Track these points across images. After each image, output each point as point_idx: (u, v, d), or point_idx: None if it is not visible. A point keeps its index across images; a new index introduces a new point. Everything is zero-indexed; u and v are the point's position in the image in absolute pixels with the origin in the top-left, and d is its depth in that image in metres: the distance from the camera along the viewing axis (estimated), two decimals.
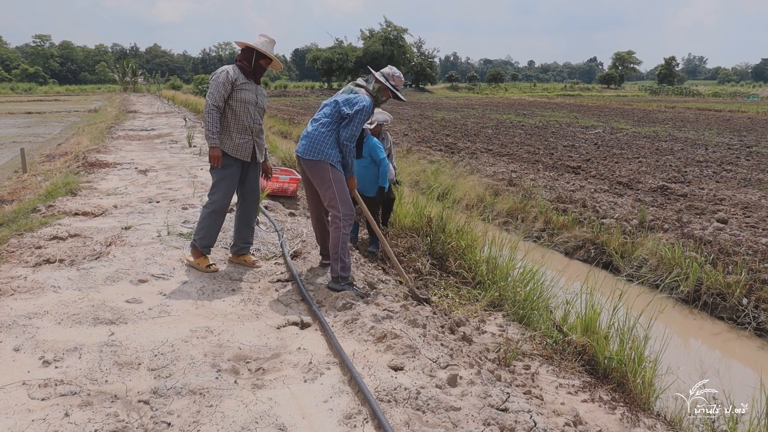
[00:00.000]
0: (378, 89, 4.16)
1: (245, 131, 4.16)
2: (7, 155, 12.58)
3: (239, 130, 4.14)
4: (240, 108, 4.11)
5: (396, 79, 4.19)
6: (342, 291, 3.85)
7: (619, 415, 3.01)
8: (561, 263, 6.34)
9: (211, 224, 4.20)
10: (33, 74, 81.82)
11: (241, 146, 4.16)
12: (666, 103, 43.68)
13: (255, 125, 4.22)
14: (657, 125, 21.55)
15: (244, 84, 4.14)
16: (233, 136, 4.13)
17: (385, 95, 4.22)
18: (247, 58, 4.15)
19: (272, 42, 4.25)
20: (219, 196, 4.16)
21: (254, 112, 4.20)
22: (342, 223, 3.94)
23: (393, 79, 4.17)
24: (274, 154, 11.77)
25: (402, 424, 2.39)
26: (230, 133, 4.12)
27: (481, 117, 26.07)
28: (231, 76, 4.07)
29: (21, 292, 3.68)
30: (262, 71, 4.24)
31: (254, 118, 4.20)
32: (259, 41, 4.14)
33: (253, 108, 4.18)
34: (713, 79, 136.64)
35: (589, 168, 11.29)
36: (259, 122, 4.28)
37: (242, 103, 4.11)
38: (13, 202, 6.63)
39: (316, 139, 3.98)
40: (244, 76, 4.15)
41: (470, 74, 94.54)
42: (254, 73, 4.20)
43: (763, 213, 7.45)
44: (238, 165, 4.20)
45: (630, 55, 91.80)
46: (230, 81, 4.06)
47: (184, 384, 2.65)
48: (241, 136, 4.15)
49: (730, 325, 4.87)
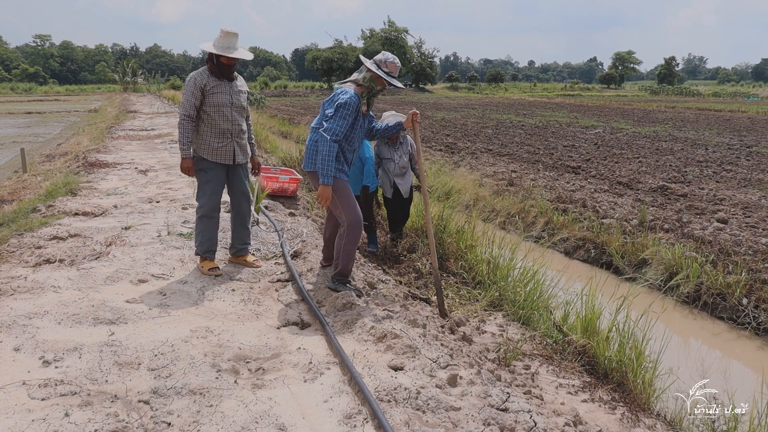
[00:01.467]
0: (370, 78, 3.78)
1: (223, 135, 4.06)
2: (7, 155, 12.58)
3: (217, 135, 4.04)
4: (215, 112, 4.01)
5: (390, 65, 3.78)
6: (341, 291, 3.83)
7: (619, 415, 3.01)
8: (561, 263, 6.34)
9: (205, 229, 4.18)
10: (33, 74, 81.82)
11: (220, 150, 4.08)
12: (666, 103, 43.67)
13: (234, 127, 4.09)
14: (657, 125, 21.55)
15: (215, 87, 3.99)
16: (211, 141, 4.04)
17: (379, 84, 3.82)
18: (211, 59, 4.00)
19: (231, 34, 3.96)
20: (204, 200, 4.13)
21: (231, 114, 4.06)
22: (347, 232, 3.79)
23: (386, 65, 3.78)
24: (274, 154, 11.77)
25: (402, 424, 2.39)
26: (208, 138, 4.04)
27: (481, 117, 26.07)
28: (199, 82, 3.95)
29: (21, 292, 3.68)
30: (229, 69, 4.02)
31: (232, 120, 4.08)
32: (217, 38, 3.96)
33: (228, 110, 4.05)
34: (713, 79, 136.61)
35: (589, 168, 11.29)
36: (239, 122, 4.13)
37: (216, 107, 4.00)
38: (13, 202, 6.63)
39: (309, 149, 3.91)
40: (215, 78, 4.01)
41: (470, 74, 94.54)
42: (222, 73, 4.03)
43: (763, 213, 7.45)
44: (220, 168, 4.14)
45: (630, 55, 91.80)
46: (199, 88, 3.95)
47: (184, 384, 2.65)
48: (220, 140, 4.06)
49: (730, 325, 4.87)
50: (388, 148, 5.46)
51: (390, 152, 5.45)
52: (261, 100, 29.91)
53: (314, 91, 63.23)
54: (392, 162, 5.44)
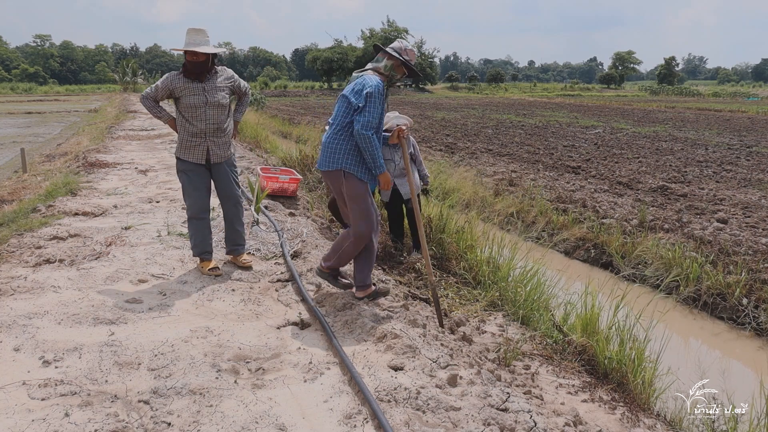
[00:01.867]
0: (391, 66, 3.62)
1: (197, 135, 4.01)
2: (7, 155, 12.58)
3: (191, 134, 4.00)
4: (189, 114, 3.96)
5: (410, 53, 3.66)
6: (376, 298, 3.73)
7: (619, 415, 3.01)
8: (561, 263, 6.34)
9: (196, 231, 4.17)
10: (33, 74, 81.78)
11: (193, 149, 4.03)
12: (666, 103, 43.67)
13: (209, 126, 4.00)
14: (657, 125, 21.55)
15: (186, 89, 3.93)
16: (186, 140, 4.03)
17: (399, 72, 3.68)
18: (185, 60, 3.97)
19: (198, 31, 3.90)
20: (190, 201, 4.12)
21: (206, 113, 3.97)
22: (353, 241, 3.59)
23: (407, 53, 3.65)
24: (274, 154, 11.77)
25: (402, 424, 2.39)
26: (184, 138, 4.03)
27: (481, 117, 26.07)
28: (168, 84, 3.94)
29: (21, 292, 3.68)
30: (197, 66, 3.91)
31: (206, 120, 3.99)
32: (186, 38, 3.93)
33: (203, 110, 3.95)
34: (713, 79, 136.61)
35: (589, 168, 11.29)
36: (216, 121, 4.02)
37: (190, 108, 3.95)
38: (13, 202, 6.63)
39: (328, 147, 3.54)
40: (187, 79, 3.96)
41: (470, 74, 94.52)
42: (192, 72, 3.93)
43: (763, 213, 7.45)
44: (199, 168, 4.09)
45: (630, 55, 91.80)
46: (167, 89, 3.94)
47: (184, 384, 2.65)
48: (193, 139, 4.02)
49: (730, 325, 4.87)
50: (388, 149, 5.33)
51: (390, 153, 5.33)
52: (261, 100, 29.90)
53: (314, 91, 63.23)
54: (392, 163, 5.32)
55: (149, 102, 4.03)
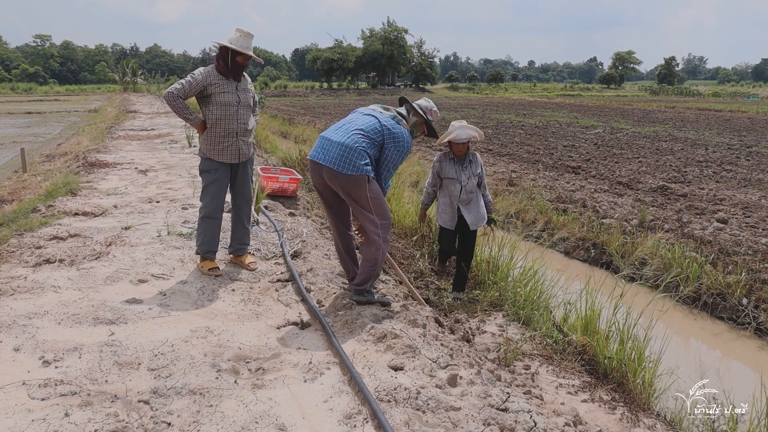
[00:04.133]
0: (415, 123, 3.78)
1: (230, 135, 4.04)
2: (7, 155, 12.58)
3: (223, 134, 4.02)
4: (222, 112, 3.98)
5: (433, 114, 3.82)
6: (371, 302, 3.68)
7: (619, 415, 3.01)
8: (561, 263, 6.34)
9: (206, 229, 4.17)
10: (33, 74, 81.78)
11: (226, 150, 4.06)
12: (666, 103, 43.67)
13: (240, 126, 4.07)
14: (657, 125, 21.55)
15: (222, 86, 3.97)
16: (217, 140, 4.03)
17: (420, 129, 3.84)
18: (223, 56, 3.98)
19: (248, 35, 4.01)
20: (208, 200, 4.13)
21: (238, 112, 4.04)
22: (381, 231, 3.50)
23: (431, 113, 3.81)
24: (274, 154, 11.78)
25: (402, 424, 2.39)
26: (214, 137, 4.02)
27: (481, 117, 26.08)
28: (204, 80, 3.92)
29: (21, 292, 3.68)
30: (240, 68, 4.03)
31: (239, 119, 4.05)
32: (234, 37, 3.98)
33: (235, 108, 4.03)
34: (713, 79, 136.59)
35: (589, 168, 11.29)
36: (246, 121, 4.10)
37: (224, 106, 3.98)
38: (13, 202, 6.63)
39: (352, 151, 3.38)
40: (222, 76, 3.99)
41: (470, 74, 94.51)
42: (232, 71, 4.03)
43: (763, 213, 7.45)
44: (225, 168, 4.13)
45: (630, 55, 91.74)
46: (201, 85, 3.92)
47: (184, 384, 2.65)
48: (226, 140, 4.03)
49: (730, 325, 4.87)
50: (454, 166, 4.52)
51: (456, 171, 4.50)
52: (261, 100, 29.89)
53: (314, 91, 63.23)
54: (458, 183, 4.50)
55: (180, 102, 3.93)
